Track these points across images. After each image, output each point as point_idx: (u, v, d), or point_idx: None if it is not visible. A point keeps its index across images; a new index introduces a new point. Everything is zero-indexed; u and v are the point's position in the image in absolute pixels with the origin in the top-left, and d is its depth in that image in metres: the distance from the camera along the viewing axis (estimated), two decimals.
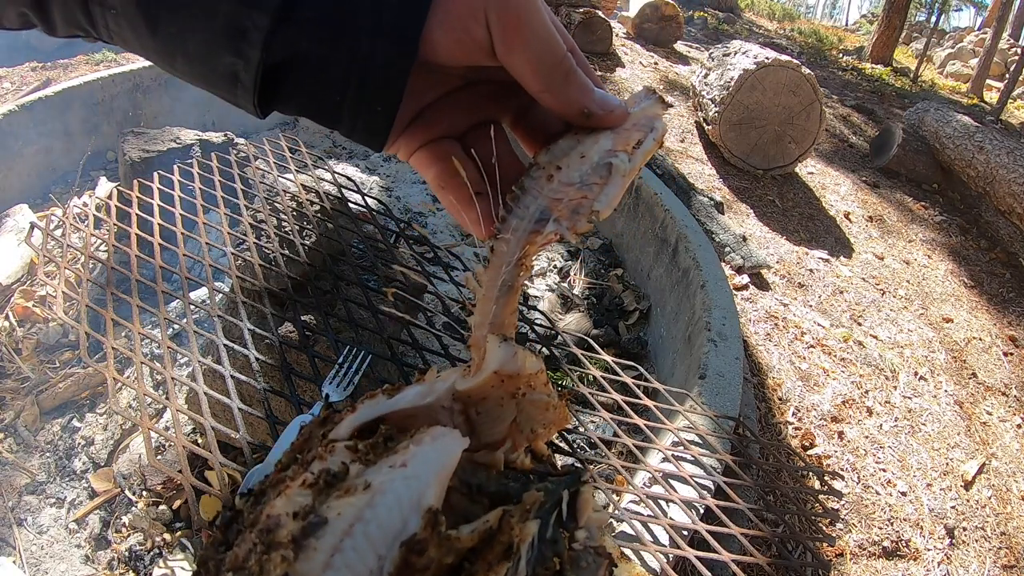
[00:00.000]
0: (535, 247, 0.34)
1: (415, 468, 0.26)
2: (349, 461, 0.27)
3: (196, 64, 0.31)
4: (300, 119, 3.12)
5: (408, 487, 0.25)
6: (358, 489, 0.25)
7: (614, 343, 1.95)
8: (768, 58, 3.22)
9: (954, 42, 10.47)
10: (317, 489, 0.25)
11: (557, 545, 0.27)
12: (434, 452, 0.27)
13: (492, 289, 0.34)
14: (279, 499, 0.25)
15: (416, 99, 0.35)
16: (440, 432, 0.29)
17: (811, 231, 3.08)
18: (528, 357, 0.33)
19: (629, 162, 0.34)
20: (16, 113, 2.29)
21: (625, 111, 0.35)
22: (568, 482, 0.30)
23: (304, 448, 0.30)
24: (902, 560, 1.62)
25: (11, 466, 1.42)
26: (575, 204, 0.34)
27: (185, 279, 1.14)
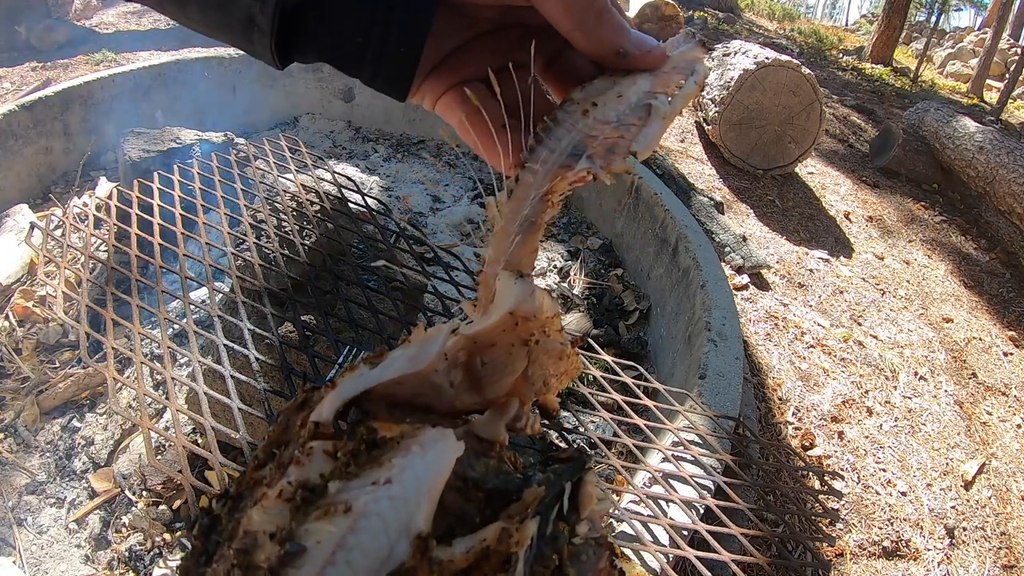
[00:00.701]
0: (564, 183, 0.31)
1: (402, 487, 0.23)
2: (328, 473, 0.24)
3: (211, 11, 0.30)
4: (300, 119, 3.13)
5: (395, 509, 0.23)
6: (338, 511, 0.22)
7: (614, 343, 1.95)
8: (768, 58, 3.22)
9: (954, 42, 10.47)
10: (294, 506, 0.23)
11: (557, 542, 0.25)
12: (424, 465, 0.24)
13: (512, 223, 0.32)
14: (256, 510, 0.23)
15: (441, 42, 0.33)
16: (431, 437, 0.26)
17: (811, 231, 3.07)
18: (546, 297, 0.30)
19: (670, 104, 0.31)
20: (16, 113, 2.29)
21: (664, 52, 0.32)
22: (571, 471, 0.28)
23: (281, 441, 0.28)
24: (902, 560, 1.62)
25: (11, 466, 1.42)
26: (611, 143, 0.31)
27: (185, 279, 1.14)
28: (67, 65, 3.48)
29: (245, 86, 2.99)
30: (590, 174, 0.31)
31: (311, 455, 0.25)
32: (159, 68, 2.77)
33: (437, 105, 0.35)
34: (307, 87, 3.11)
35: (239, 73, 2.96)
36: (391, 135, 3.15)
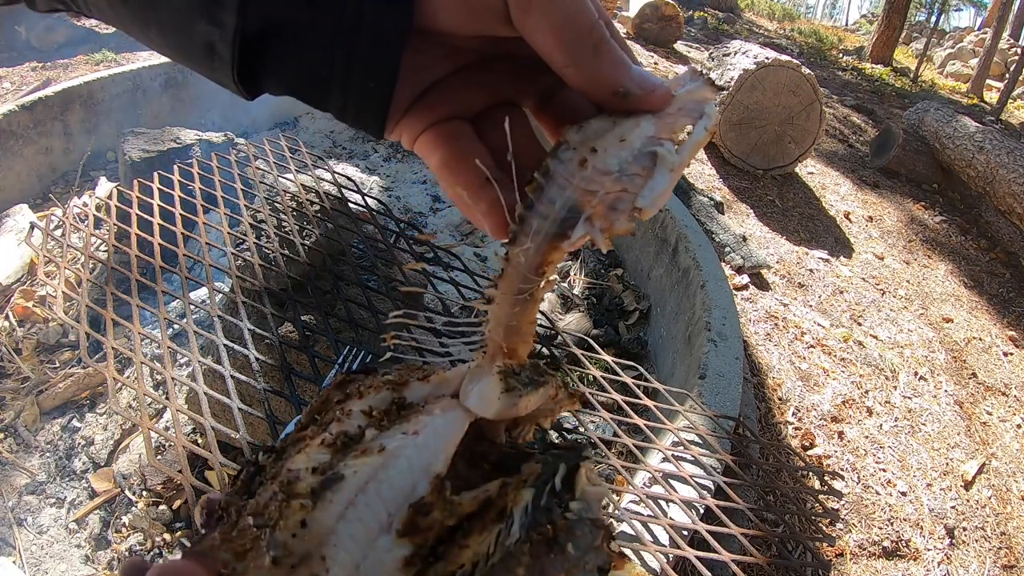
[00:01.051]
0: (560, 253, 0.28)
1: (426, 437, 0.28)
2: (365, 425, 0.29)
3: (170, 35, 0.27)
4: (300, 119, 3.13)
5: (419, 454, 0.27)
6: (373, 451, 0.27)
7: (614, 343, 1.95)
8: (768, 58, 3.22)
9: (954, 42, 10.47)
10: (335, 448, 0.27)
11: (551, 513, 0.28)
12: (444, 423, 0.29)
13: (508, 297, 0.30)
14: (299, 455, 0.27)
15: (419, 75, 0.30)
16: (450, 404, 0.30)
17: (811, 231, 3.07)
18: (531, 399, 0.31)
19: (678, 154, 0.28)
20: (16, 113, 2.29)
21: (668, 92, 0.29)
22: (568, 457, 0.30)
23: (322, 410, 0.32)
24: (902, 560, 1.62)
25: (11, 466, 1.42)
26: (613, 198, 0.27)
27: (185, 279, 1.14)
28: (67, 65, 3.48)
29: None
30: (588, 238, 0.27)
31: (350, 415, 0.29)
32: (159, 68, 2.76)
33: (416, 145, 0.32)
34: None
35: None
36: None
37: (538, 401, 0.32)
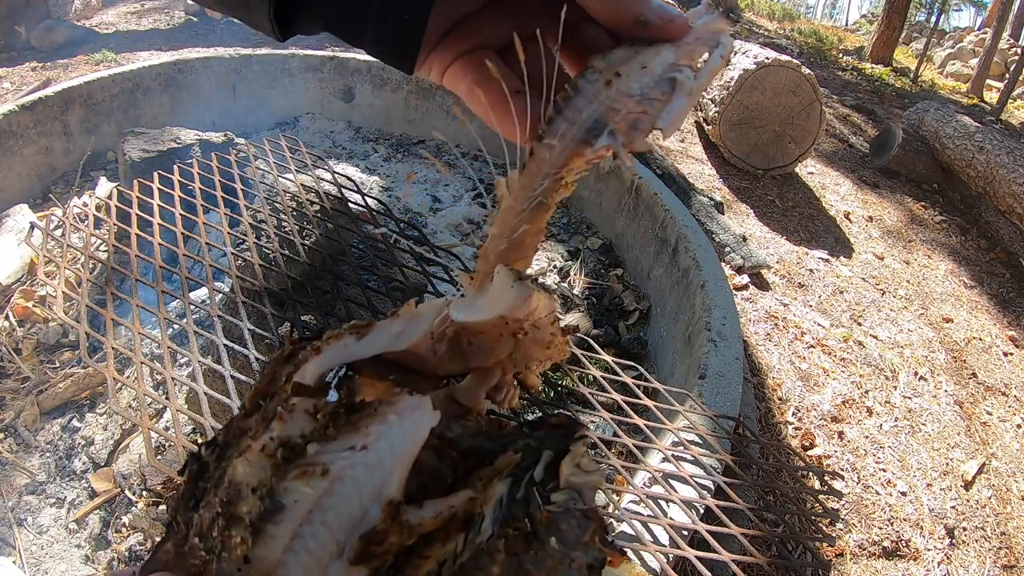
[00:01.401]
0: (582, 160, 0.30)
1: (378, 454, 0.24)
2: (308, 433, 0.25)
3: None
4: (300, 119, 3.13)
5: (369, 476, 0.24)
6: (316, 473, 0.24)
7: (614, 343, 1.95)
8: (768, 58, 3.22)
9: (954, 42, 10.47)
10: (275, 463, 0.24)
11: (529, 505, 0.25)
12: (399, 434, 0.25)
13: (521, 200, 0.30)
14: (240, 461, 0.25)
15: (450, 10, 0.32)
16: (407, 405, 0.26)
17: (811, 231, 3.07)
18: (541, 299, 0.29)
19: (695, 79, 0.30)
20: (16, 113, 2.29)
21: (686, 22, 0.31)
22: (555, 439, 0.27)
23: (267, 392, 0.28)
24: (902, 560, 1.62)
25: (11, 466, 1.42)
26: (634, 118, 0.29)
27: (185, 279, 1.14)
28: (67, 65, 3.48)
29: (245, 86, 2.99)
30: (610, 151, 0.29)
31: (293, 412, 0.26)
32: (159, 68, 2.76)
33: (445, 76, 0.33)
34: (307, 87, 3.11)
35: (239, 73, 2.96)
36: (391, 135, 3.15)
37: (547, 308, 0.29)
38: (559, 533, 0.25)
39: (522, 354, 0.31)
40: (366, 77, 3.10)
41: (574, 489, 0.26)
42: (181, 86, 2.83)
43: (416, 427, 0.25)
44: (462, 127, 2.88)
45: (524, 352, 0.31)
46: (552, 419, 0.29)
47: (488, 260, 0.31)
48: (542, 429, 0.28)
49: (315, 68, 3.08)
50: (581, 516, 0.25)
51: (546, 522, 0.25)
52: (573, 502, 0.26)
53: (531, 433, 0.28)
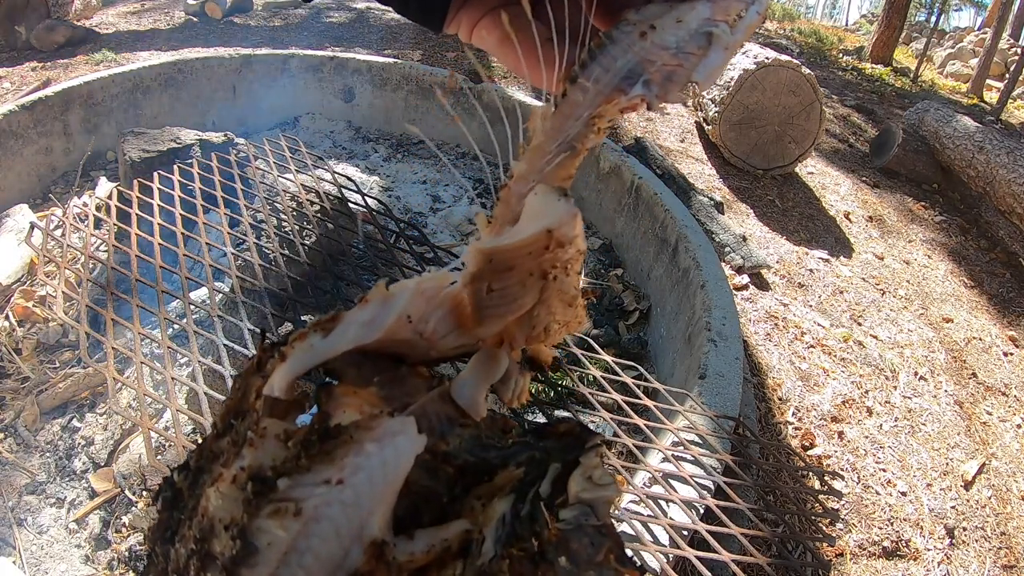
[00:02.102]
0: (615, 107, 0.29)
1: (355, 491, 0.22)
2: (280, 463, 0.23)
3: None
4: (300, 119, 3.13)
5: (347, 515, 0.22)
6: (288, 512, 0.22)
7: (614, 343, 1.95)
8: (768, 58, 3.22)
9: (954, 42, 10.46)
10: (246, 498, 0.22)
11: (536, 523, 0.23)
12: (378, 465, 0.22)
13: (552, 141, 0.29)
14: (213, 492, 0.23)
15: None
16: (388, 431, 0.24)
17: (811, 231, 3.07)
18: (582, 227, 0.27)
19: (732, 34, 0.30)
20: (16, 113, 2.29)
21: None
22: (564, 450, 0.24)
23: (239, 411, 0.26)
24: (902, 560, 1.62)
25: (11, 466, 1.42)
26: (669, 70, 0.29)
27: (185, 279, 1.14)
28: (67, 65, 3.48)
29: (245, 86, 2.99)
30: (644, 102, 0.29)
31: (264, 437, 0.24)
32: (159, 68, 2.76)
33: (474, 33, 0.33)
34: (307, 87, 3.11)
35: (239, 73, 2.96)
36: (391, 135, 3.15)
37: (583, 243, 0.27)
38: (570, 552, 0.22)
39: (544, 311, 0.29)
40: (366, 77, 3.10)
41: (587, 504, 0.23)
42: (181, 86, 2.83)
43: (398, 456, 0.23)
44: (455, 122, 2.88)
45: (546, 308, 0.29)
46: (560, 427, 0.26)
47: (509, 204, 0.30)
48: (548, 439, 0.26)
49: (315, 68, 3.08)
50: (595, 533, 0.23)
51: (555, 540, 0.22)
52: (585, 518, 0.23)
53: (535, 444, 0.25)
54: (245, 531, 0.22)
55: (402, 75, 3.05)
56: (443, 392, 0.27)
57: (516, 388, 0.30)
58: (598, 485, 0.24)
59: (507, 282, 0.27)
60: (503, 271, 0.27)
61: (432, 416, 0.25)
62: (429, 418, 0.25)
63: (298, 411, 0.25)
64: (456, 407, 0.27)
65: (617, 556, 0.22)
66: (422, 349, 0.28)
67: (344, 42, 4.33)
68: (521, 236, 0.26)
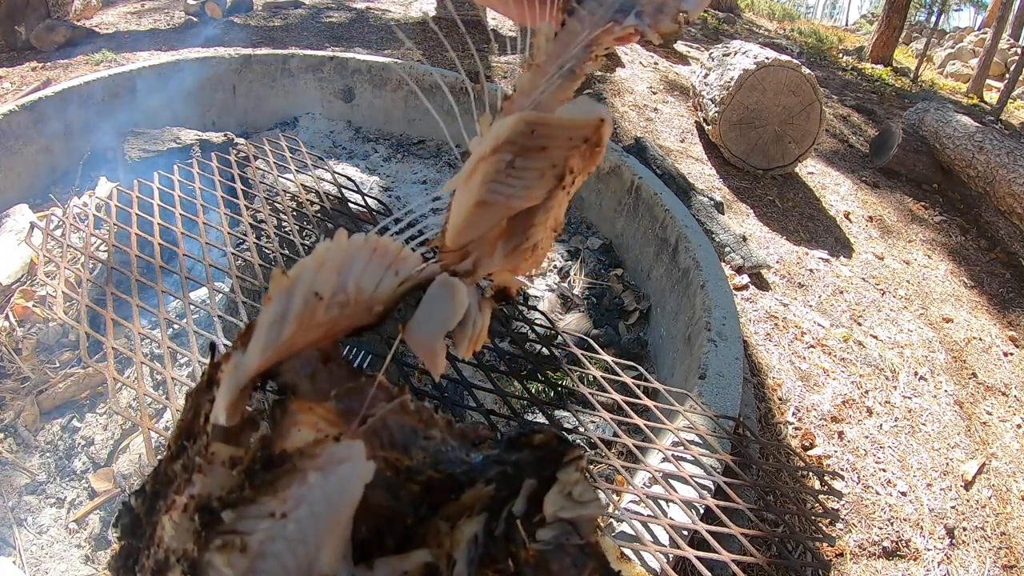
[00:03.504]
0: (610, 36, 0.31)
1: (298, 525, 0.20)
2: (226, 491, 0.22)
3: None
4: (300, 119, 3.12)
5: (292, 552, 0.20)
6: (235, 547, 0.20)
7: (614, 343, 1.95)
8: (768, 58, 3.22)
9: (954, 42, 10.46)
10: (195, 530, 0.21)
11: (511, 544, 0.21)
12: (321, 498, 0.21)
13: (552, 63, 0.31)
14: (167, 520, 0.22)
15: None
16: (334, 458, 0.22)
17: (811, 231, 3.07)
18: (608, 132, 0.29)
19: None
20: (16, 113, 2.29)
21: None
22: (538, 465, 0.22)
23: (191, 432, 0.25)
24: (902, 560, 1.62)
25: (11, 466, 1.42)
26: (660, 1, 0.31)
27: (185, 279, 1.14)
28: (67, 65, 3.48)
29: (245, 86, 2.99)
30: (637, 32, 0.31)
31: (212, 463, 0.22)
32: (159, 68, 2.76)
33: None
34: (307, 87, 3.11)
35: (239, 73, 2.96)
36: (391, 135, 3.15)
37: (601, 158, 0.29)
38: (550, 574, 0.21)
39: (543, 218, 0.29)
40: (366, 77, 3.10)
41: (567, 523, 0.21)
42: (181, 86, 2.83)
43: (342, 487, 0.21)
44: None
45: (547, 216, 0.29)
46: (535, 438, 0.24)
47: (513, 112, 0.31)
48: (522, 451, 0.23)
49: (315, 68, 3.08)
50: (577, 553, 0.21)
51: (533, 562, 0.21)
52: (566, 537, 0.21)
53: (507, 458, 0.23)
54: (195, 566, 0.21)
55: (402, 75, 3.05)
56: (404, 403, 0.26)
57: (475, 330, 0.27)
58: (579, 503, 0.22)
59: (531, 163, 0.27)
60: (536, 149, 0.26)
61: (393, 428, 0.23)
62: (390, 431, 0.23)
63: (252, 430, 0.23)
64: (419, 417, 0.25)
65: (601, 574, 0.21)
66: (362, 315, 0.26)
67: (344, 42, 4.33)
68: (574, 116, 0.26)
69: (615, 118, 3.75)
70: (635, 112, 3.92)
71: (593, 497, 0.21)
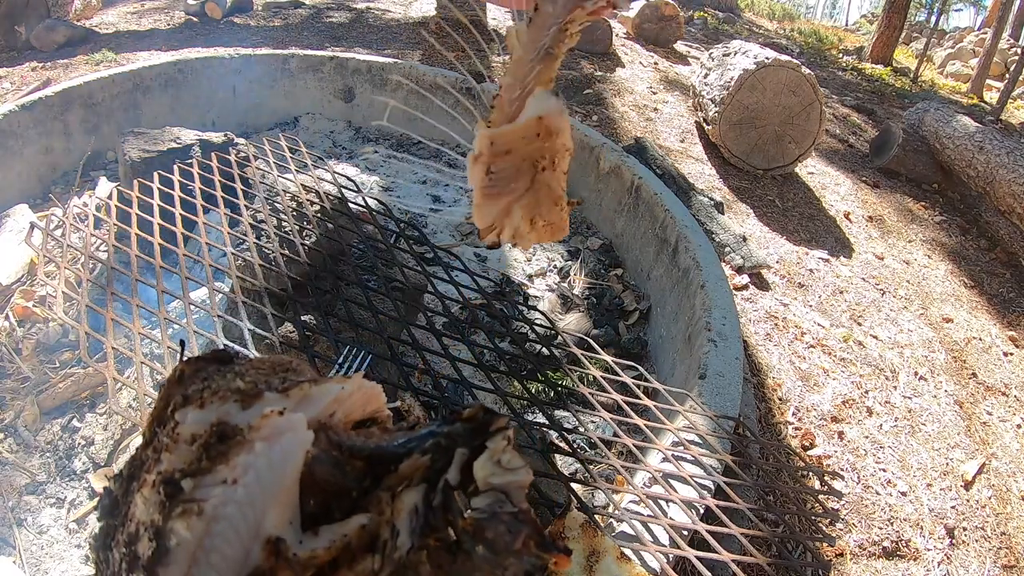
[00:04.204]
0: (583, 13, 0.33)
1: (247, 490, 0.22)
2: (187, 464, 0.24)
3: None
4: (300, 119, 3.13)
5: (242, 514, 0.22)
6: (193, 512, 0.22)
7: (614, 343, 1.95)
8: (768, 58, 3.22)
9: (954, 42, 10.46)
10: (160, 503, 0.23)
11: (448, 512, 0.22)
12: (265, 465, 0.23)
13: (531, 51, 0.33)
14: (139, 496, 0.24)
15: None
16: (277, 429, 0.24)
17: (811, 231, 3.07)
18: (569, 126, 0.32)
19: None
20: (16, 113, 2.29)
21: None
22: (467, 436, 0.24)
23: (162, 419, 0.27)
24: (902, 560, 1.62)
25: (11, 466, 1.42)
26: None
27: (185, 279, 1.14)
28: (67, 65, 3.48)
29: (245, 86, 2.99)
30: (610, 4, 0.32)
31: (177, 442, 0.25)
32: (159, 68, 2.76)
33: None
34: (307, 87, 3.11)
35: (239, 73, 2.96)
36: (391, 135, 3.15)
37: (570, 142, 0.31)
38: (486, 541, 0.22)
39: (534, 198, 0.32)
40: (366, 77, 3.10)
41: (499, 491, 0.23)
42: (181, 86, 2.83)
43: (285, 454, 0.23)
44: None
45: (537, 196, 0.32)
46: (464, 412, 0.26)
47: (503, 109, 0.34)
48: (454, 424, 0.25)
49: (315, 68, 3.08)
50: (511, 520, 0.22)
51: (470, 529, 0.22)
52: (500, 505, 0.23)
53: (440, 431, 0.25)
54: (159, 532, 0.22)
55: (402, 75, 3.05)
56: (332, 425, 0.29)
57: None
58: (507, 469, 0.23)
59: (505, 164, 0.31)
60: (502, 154, 0.31)
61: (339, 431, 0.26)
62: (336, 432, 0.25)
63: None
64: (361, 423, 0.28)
65: (537, 543, 0.22)
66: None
67: (344, 42, 4.33)
68: (517, 124, 0.31)
69: (615, 118, 3.75)
70: (635, 112, 3.92)
71: (521, 464, 0.23)
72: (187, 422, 0.25)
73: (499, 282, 2.11)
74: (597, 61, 4.69)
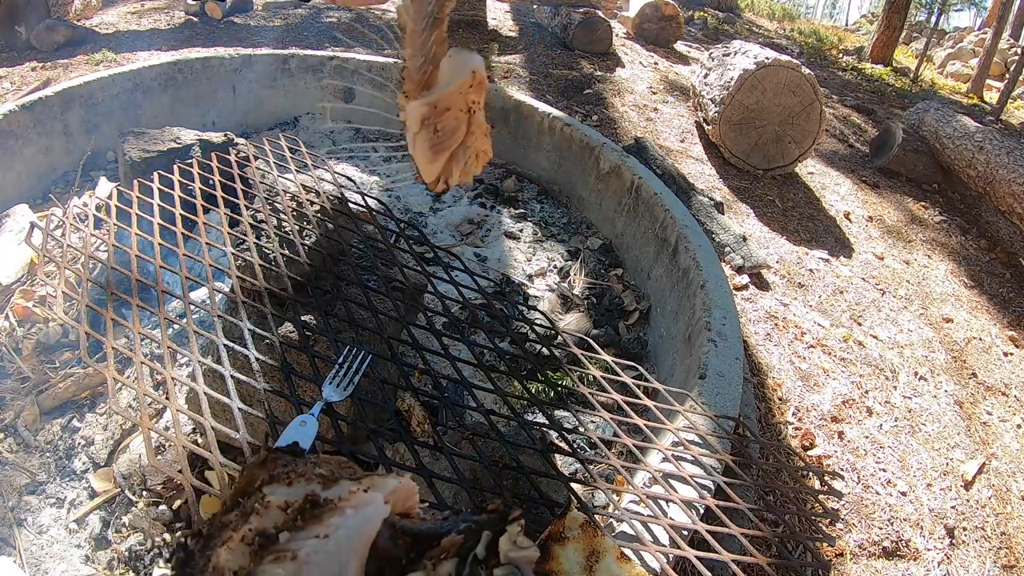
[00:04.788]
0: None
1: (336, 542, 0.29)
2: (280, 523, 0.30)
3: None
4: (300, 119, 3.13)
5: (330, 561, 0.28)
6: (287, 558, 0.28)
7: (614, 343, 1.95)
8: (768, 58, 3.22)
9: (954, 42, 10.46)
10: (253, 550, 0.28)
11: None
12: (355, 525, 0.30)
13: (420, 21, 0.37)
14: (223, 549, 0.29)
15: None
16: (363, 501, 0.32)
17: (811, 231, 3.07)
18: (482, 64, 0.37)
19: None
20: (16, 113, 2.29)
21: None
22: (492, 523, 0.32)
23: (246, 491, 0.33)
24: (902, 560, 1.62)
25: (11, 466, 1.42)
26: None
27: (185, 279, 1.14)
28: (67, 65, 3.48)
29: (245, 86, 2.99)
30: None
31: (268, 508, 0.31)
32: (159, 68, 2.76)
33: None
34: (307, 87, 3.11)
35: (239, 73, 2.96)
36: (391, 135, 3.15)
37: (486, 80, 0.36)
38: None
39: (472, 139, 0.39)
40: (366, 77, 3.10)
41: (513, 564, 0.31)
42: (181, 86, 2.83)
43: (368, 518, 0.31)
44: None
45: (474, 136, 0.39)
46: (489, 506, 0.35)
47: (413, 78, 0.38)
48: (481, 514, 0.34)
49: (315, 68, 3.08)
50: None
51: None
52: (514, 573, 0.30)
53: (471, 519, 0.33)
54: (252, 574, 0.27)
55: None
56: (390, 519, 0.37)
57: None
58: (521, 548, 0.31)
59: (447, 119, 0.37)
60: (443, 112, 0.37)
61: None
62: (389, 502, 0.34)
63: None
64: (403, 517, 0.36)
65: None
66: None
67: (344, 42, 4.33)
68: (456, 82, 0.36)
69: (615, 118, 3.76)
70: (635, 112, 3.92)
71: (530, 544, 0.31)
72: (276, 495, 0.32)
73: (499, 282, 2.11)
74: (597, 61, 4.69)
